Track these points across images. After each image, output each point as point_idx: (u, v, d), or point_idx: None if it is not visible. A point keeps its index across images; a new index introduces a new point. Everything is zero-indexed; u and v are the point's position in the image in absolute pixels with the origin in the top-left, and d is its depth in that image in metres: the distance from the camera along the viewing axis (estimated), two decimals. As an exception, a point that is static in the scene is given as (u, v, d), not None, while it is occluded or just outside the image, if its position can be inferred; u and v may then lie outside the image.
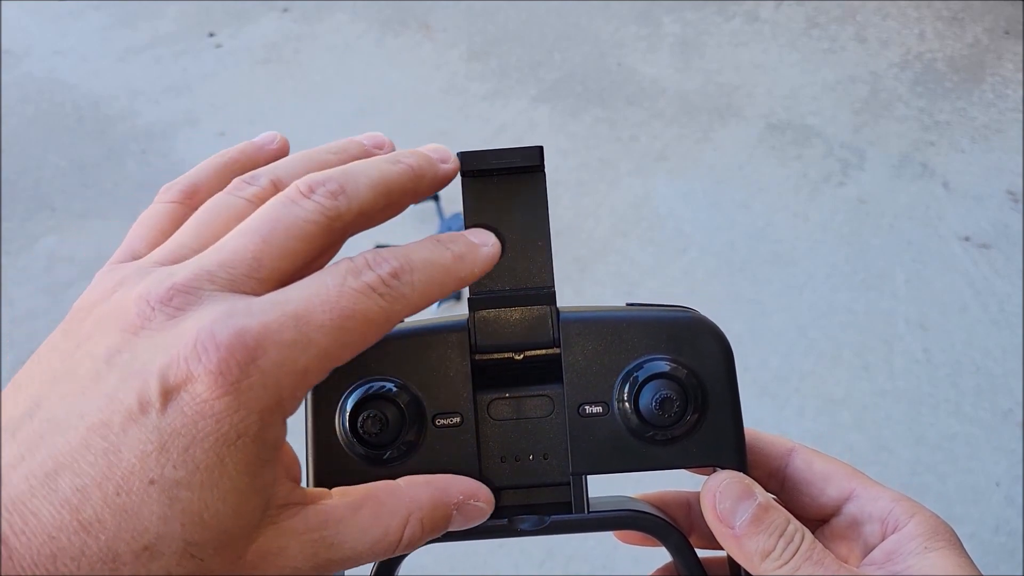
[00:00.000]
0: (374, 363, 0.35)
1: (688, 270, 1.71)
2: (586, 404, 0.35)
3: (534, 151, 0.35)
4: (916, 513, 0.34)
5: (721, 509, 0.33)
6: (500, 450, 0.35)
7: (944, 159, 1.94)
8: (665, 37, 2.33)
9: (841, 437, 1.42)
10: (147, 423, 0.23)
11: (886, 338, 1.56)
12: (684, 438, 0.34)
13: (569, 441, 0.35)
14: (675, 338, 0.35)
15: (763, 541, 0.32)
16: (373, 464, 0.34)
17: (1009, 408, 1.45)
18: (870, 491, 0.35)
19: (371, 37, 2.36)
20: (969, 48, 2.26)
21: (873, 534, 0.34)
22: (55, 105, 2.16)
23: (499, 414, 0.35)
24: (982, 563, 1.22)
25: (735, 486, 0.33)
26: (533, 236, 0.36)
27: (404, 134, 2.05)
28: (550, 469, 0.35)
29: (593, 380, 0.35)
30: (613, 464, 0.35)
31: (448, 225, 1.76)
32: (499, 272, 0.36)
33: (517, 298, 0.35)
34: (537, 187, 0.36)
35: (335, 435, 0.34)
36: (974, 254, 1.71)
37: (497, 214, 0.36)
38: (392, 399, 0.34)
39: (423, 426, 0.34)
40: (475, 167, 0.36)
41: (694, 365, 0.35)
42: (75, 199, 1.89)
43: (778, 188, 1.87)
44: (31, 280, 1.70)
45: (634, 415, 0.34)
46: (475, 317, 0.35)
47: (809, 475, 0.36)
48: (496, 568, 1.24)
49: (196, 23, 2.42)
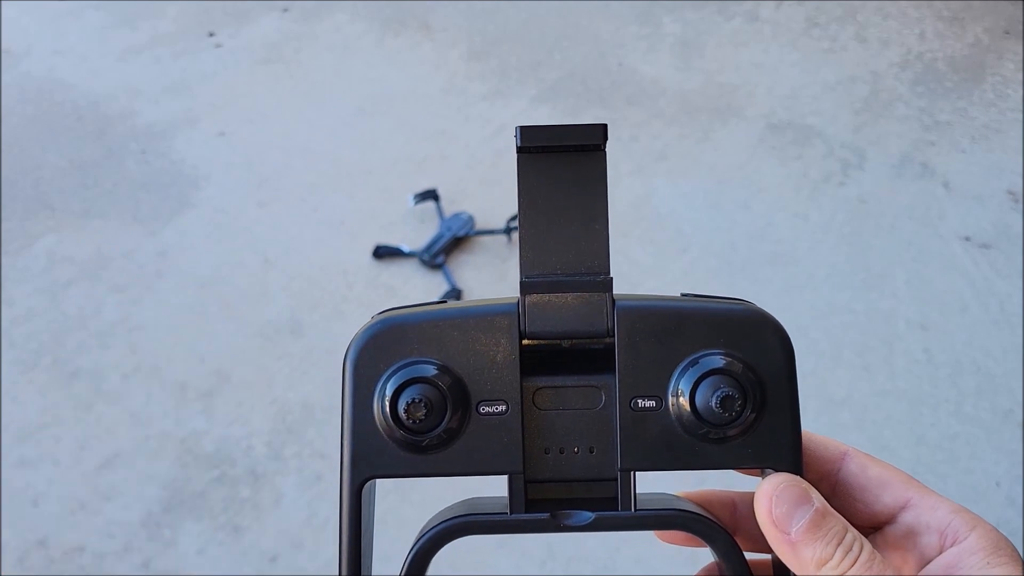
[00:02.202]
0: (417, 345, 0.33)
1: (688, 270, 1.70)
2: (639, 397, 0.33)
3: (598, 129, 0.34)
4: (977, 526, 0.32)
5: (777, 514, 0.31)
6: (545, 441, 0.33)
7: (944, 159, 1.94)
8: (665, 37, 2.32)
9: (841, 437, 1.41)
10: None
11: (886, 338, 1.56)
12: (739, 437, 0.33)
13: (619, 435, 0.33)
14: (735, 333, 0.33)
15: (820, 549, 0.31)
16: (412, 451, 0.33)
17: (1009, 408, 1.45)
18: (928, 500, 0.34)
19: (371, 37, 2.36)
20: (970, 48, 2.26)
21: (931, 545, 0.33)
22: (54, 105, 2.16)
23: (545, 403, 0.34)
24: (983, 563, 1.20)
25: (792, 490, 0.32)
26: (590, 219, 0.34)
27: (404, 134, 2.05)
28: (596, 464, 0.34)
29: (647, 373, 0.33)
30: (664, 462, 0.33)
31: (448, 225, 1.76)
32: (553, 255, 0.34)
33: (571, 284, 0.34)
34: (597, 167, 0.35)
35: (373, 419, 0.33)
36: (974, 254, 1.71)
37: (553, 194, 0.34)
38: (434, 383, 0.32)
39: (467, 412, 0.33)
40: (533, 143, 0.34)
41: (754, 362, 0.33)
42: (75, 199, 1.89)
43: (778, 188, 1.87)
44: (31, 280, 1.70)
45: (690, 411, 0.32)
46: (526, 301, 0.33)
47: (863, 480, 0.35)
48: (496, 568, 1.24)
49: (196, 23, 2.42)
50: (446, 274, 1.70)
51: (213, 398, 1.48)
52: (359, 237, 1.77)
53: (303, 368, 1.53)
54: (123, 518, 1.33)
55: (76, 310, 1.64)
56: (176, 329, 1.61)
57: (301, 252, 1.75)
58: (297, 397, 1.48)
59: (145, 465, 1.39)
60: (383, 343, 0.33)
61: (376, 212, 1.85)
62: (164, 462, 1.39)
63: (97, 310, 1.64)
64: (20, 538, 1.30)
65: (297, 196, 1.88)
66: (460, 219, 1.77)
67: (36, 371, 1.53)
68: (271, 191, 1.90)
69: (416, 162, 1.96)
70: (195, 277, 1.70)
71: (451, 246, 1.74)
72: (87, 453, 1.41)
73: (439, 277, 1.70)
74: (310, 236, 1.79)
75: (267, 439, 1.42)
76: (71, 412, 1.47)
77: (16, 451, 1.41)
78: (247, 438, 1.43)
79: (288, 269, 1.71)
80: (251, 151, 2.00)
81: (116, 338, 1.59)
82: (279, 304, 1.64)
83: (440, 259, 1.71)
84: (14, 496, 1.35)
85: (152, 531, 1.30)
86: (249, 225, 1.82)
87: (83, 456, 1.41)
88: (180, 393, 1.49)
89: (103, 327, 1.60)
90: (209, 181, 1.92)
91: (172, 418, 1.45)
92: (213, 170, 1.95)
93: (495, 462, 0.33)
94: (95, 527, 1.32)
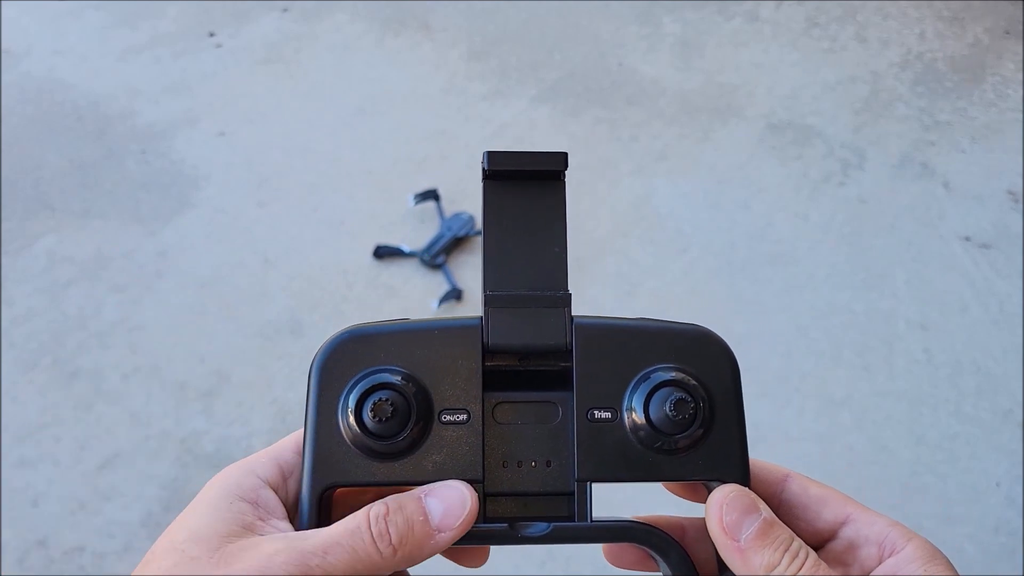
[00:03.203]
0: (382, 354, 0.34)
1: (688, 270, 1.70)
2: (595, 409, 0.34)
3: (559, 157, 0.35)
4: (913, 538, 0.34)
5: (727, 521, 0.33)
6: (502, 454, 0.35)
7: (944, 159, 1.94)
8: (665, 37, 2.32)
9: (841, 437, 1.42)
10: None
11: (886, 338, 1.56)
12: (690, 450, 0.34)
13: (576, 446, 0.34)
14: (686, 350, 0.35)
15: (768, 555, 0.32)
16: (375, 458, 0.33)
17: (1009, 408, 1.45)
18: (866, 516, 0.36)
19: (371, 37, 2.36)
20: (969, 48, 2.26)
21: (870, 557, 0.35)
22: (54, 105, 2.16)
23: (504, 418, 0.35)
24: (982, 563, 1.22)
25: (741, 499, 0.33)
26: (551, 242, 0.36)
27: (404, 134, 2.05)
28: (553, 477, 0.35)
29: (603, 385, 0.34)
30: (618, 472, 0.34)
31: (448, 225, 1.76)
32: (516, 274, 0.35)
33: (533, 299, 0.35)
34: (557, 194, 0.36)
35: (336, 428, 0.34)
36: (974, 254, 1.71)
37: (516, 217, 0.36)
38: (400, 389, 0.33)
39: (429, 421, 0.34)
40: (500, 167, 0.35)
41: (703, 377, 0.35)
42: (75, 199, 1.89)
43: (778, 188, 1.87)
44: (31, 280, 1.70)
45: (644, 422, 0.34)
46: (490, 315, 0.35)
47: (805, 499, 0.37)
48: (496, 568, 1.24)
49: (196, 23, 2.42)
50: (446, 274, 1.70)
51: (213, 398, 1.48)
52: (359, 237, 1.77)
53: (303, 368, 1.52)
54: (123, 518, 1.33)
55: (76, 310, 1.64)
56: (176, 329, 1.61)
57: (301, 252, 1.75)
58: (297, 397, 1.48)
59: (145, 465, 1.39)
60: (349, 352, 0.34)
61: (376, 212, 1.85)
62: (164, 462, 1.39)
63: (97, 310, 1.64)
64: (20, 538, 1.30)
65: (297, 196, 1.88)
66: (460, 219, 1.77)
67: (36, 371, 1.53)
68: (271, 191, 1.90)
69: (416, 162, 1.96)
70: (195, 277, 1.70)
71: (451, 246, 1.74)
72: (87, 453, 1.41)
73: (439, 277, 1.70)
74: (310, 236, 1.79)
75: (267, 439, 1.42)
76: (71, 412, 1.47)
77: (16, 451, 1.41)
78: (247, 438, 1.43)
79: (288, 269, 1.71)
80: (251, 151, 2.00)
81: (116, 338, 1.59)
82: (279, 304, 1.64)
83: (440, 259, 1.71)
84: (14, 496, 1.35)
85: (152, 531, 1.30)
86: (249, 225, 1.82)
87: (83, 456, 1.41)
88: (180, 393, 1.49)
89: (103, 327, 1.60)
90: (209, 181, 1.92)
91: (172, 418, 1.46)
92: (213, 170, 1.95)
93: (456, 471, 0.34)
94: (95, 527, 1.32)
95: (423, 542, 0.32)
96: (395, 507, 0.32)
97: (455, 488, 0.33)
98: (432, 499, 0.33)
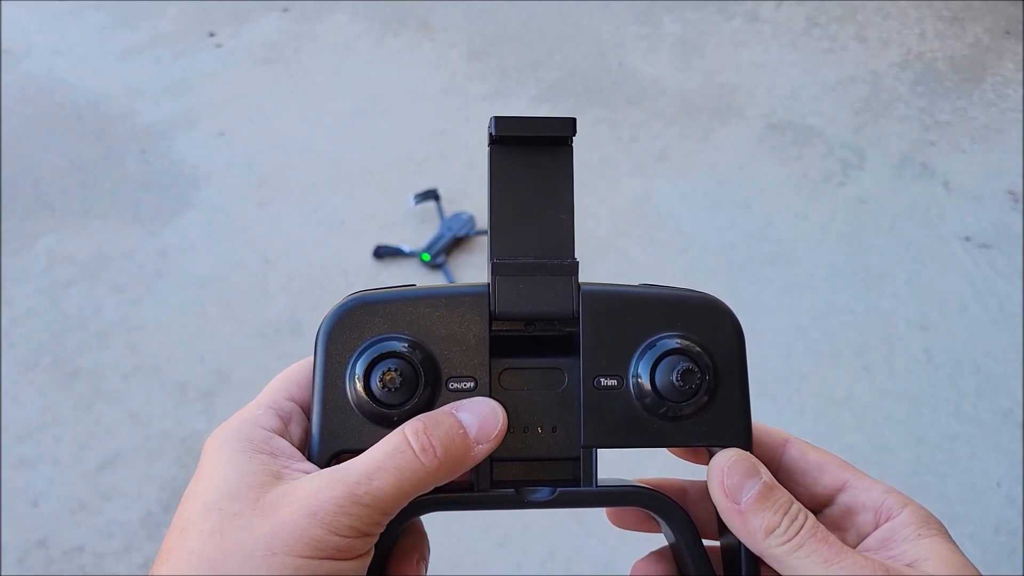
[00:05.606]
0: (389, 322, 0.34)
1: (688, 270, 1.70)
2: (601, 376, 0.34)
3: (568, 122, 0.35)
4: (908, 504, 0.35)
5: (728, 484, 0.34)
6: (509, 420, 0.35)
7: (944, 159, 1.94)
8: (665, 37, 2.32)
9: (841, 437, 1.42)
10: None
11: (886, 338, 1.56)
12: (694, 416, 0.35)
13: (582, 413, 0.34)
14: (692, 317, 0.35)
15: (768, 518, 0.33)
16: (383, 424, 0.33)
17: (1009, 408, 1.45)
18: (863, 482, 0.37)
19: (371, 37, 2.36)
20: (969, 48, 2.26)
21: (867, 523, 0.36)
22: (54, 105, 2.16)
23: (510, 384, 0.35)
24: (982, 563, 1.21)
25: (742, 463, 0.34)
26: (558, 209, 0.36)
27: (404, 134, 2.05)
28: (559, 443, 0.35)
29: (610, 353, 0.35)
30: (624, 438, 0.34)
31: (448, 225, 1.76)
32: (522, 241, 0.35)
33: (540, 267, 0.35)
34: (565, 160, 0.36)
35: (344, 393, 0.34)
36: (974, 254, 1.71)
37: (523, 184, 0.36)
38: (407, 357, 0.33)
39: (437, 388, 0.34)
40: (507, 133, 0.35)
41: (709, 344, 0.35)
42: (75, 199, 1.89)
43: (778, 188, 1.87)
44: (31, 280, 1.70)
45: (650, 389, 0.34)
46: (496, 282, 0.35)
47: (804, 464, 0.38)
48: (497, 568, 1.24)
49: (196, 23, 2.42)
50: (447, 274, 1.70)
51: (213, 398, 1.48)
52: (359, 237, 1.76)
53: (303, 368, 1.53)
54: (123, 518, 1.33)
55: (76, 310, 1.64)
56: (176, 329, 1.61)
57: (301, 252, 1.75)
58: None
59: (145, 465, 1.39)
60: (356, 320, 0.34)
61: (376, 212, 1.84)
62: (164, 462, 1.39)
63: (97, 310, 1.64)
64: (20, 538, 1.30)
65: (297, 196, 1.88)
66: (460, 219, 1.77)
67: (36, 371, 1.53)
68: (271, 191, 1.90)
69: (416, 162, 1.96)
70: (195, 277, 1.70)
71: (452, 246, 1.74)
72: (87, 453, 1.41)
73: (440, 277, 1.70)
74: (310, 236, 1.79)
75: (267, 439, 1.41)
76: (71, 412, 1.47)
77: (16, 451, 1.41)
78: (247, 438, 1.43)
79: (288, 269, 1.71)
80: (251, 151, 2.00)
81: (116, 338, 1.59)
82: (279, 304, 1.64)
83: (441, 259, 1.71)
84: (14, 496, 1.35)
85: (152, 531, 1.30)
86: (249, 225, 1.82)
87: (83, 456, 1.41)
88: (180, 393, 1.49)
89: (103, 327, 1.60)
90: (209, 181, 1.92)
91: (172, 418, 1.45)
92: (213, 170, 1.95)
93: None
94: (95, 527, 1.31)
95: (464, 454, 0.33)
96: (431, 423, 0.33)
97: (485, 403, 0.34)
98: (465, 413, 0.33)
